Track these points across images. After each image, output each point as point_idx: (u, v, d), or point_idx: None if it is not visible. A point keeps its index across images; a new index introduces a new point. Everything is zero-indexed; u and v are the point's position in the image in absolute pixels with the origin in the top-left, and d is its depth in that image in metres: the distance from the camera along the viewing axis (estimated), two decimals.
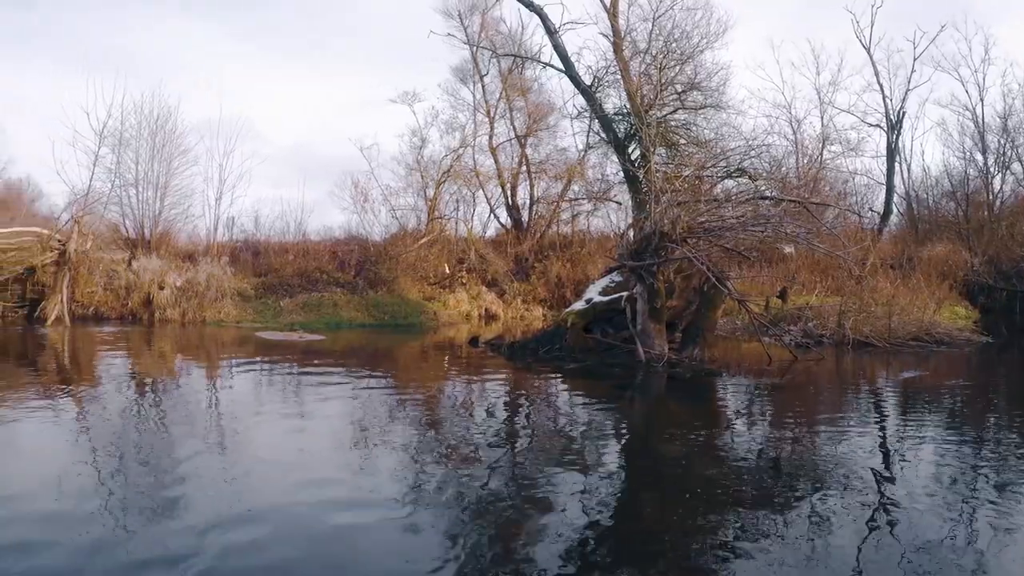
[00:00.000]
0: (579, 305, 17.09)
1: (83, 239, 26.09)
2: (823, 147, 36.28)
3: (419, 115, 43.75)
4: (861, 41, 36.12)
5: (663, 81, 24.93)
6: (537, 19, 25.79)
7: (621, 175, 27.22)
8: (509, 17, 42.72)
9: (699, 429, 9.03)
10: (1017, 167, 35.40)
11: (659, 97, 24.92)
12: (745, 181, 19.73)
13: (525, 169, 36.60)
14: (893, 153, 35.50)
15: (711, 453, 7.73)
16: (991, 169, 35.70)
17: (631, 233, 22.13)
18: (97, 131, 29.60)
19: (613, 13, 24.85)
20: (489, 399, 11.70)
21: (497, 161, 36.51)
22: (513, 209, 36.79)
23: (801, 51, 74.02)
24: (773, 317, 19.85)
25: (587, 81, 25.50)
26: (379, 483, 6.19)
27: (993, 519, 5.33)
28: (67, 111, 53.00)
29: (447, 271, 32.48)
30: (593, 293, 17.06)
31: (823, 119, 37.60)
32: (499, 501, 5.88)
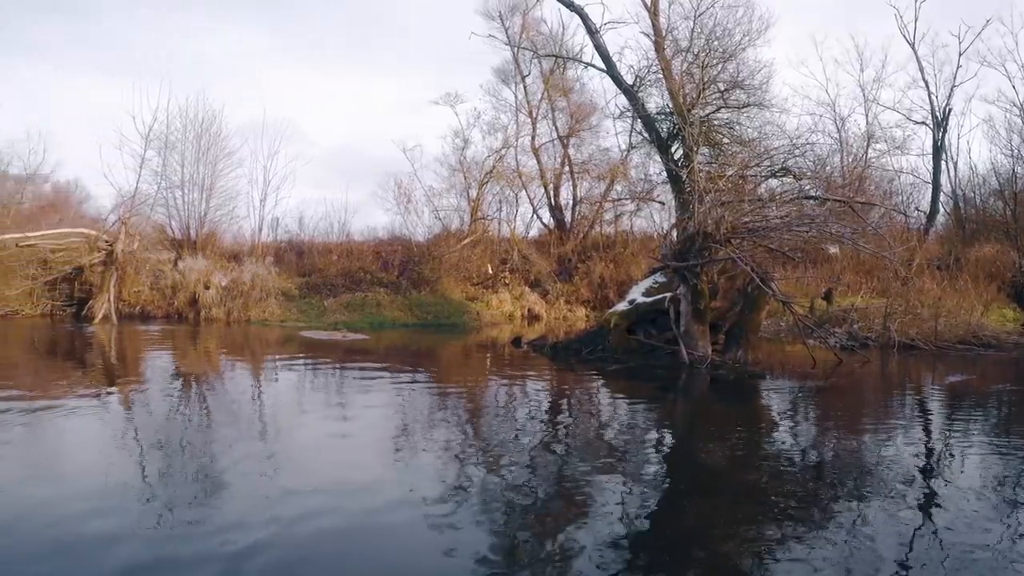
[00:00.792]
0: (622, 306, 17.09)
1: (130, 240, 26.68)
2: (868, 145, 35.76)
3: (461, 116, 43.87)
4: (905, 36, 35.47)
5: (705, 80, 24.71)
6: (578, 19, 25.66)
7: (664, 175, 27.04)
8: (550, 17, 42.83)
9: (742, 432, 9.04)
10: None
11: (702, 96, 24.70)
12: (789, 180, 19.56)
13: (568, 169, 36.62)
14: (939, 151, 34.76)
15: (754, 456, 7.73)
16: None
17: (675, 233, 21.98)
18: (143, 135, 30.25)
19: (654, 12, 24.72)
20: (531, 400, 11.74)
21: (540, 161, 36.58)
22: (556, 209, 36.83)
23: (844, 47, 72.49)
24: (818, 319, 19.70)
25: (629, 80, 25.33)
26: (420, 482, 6.26)
27: None
28: (114, 115, 54.36)
29: (490, 271, 32.60)
30: (636, 294, 17.04)
31: (868, 116, 37.03)
32: (539, 502, 5.92)
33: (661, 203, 33.26)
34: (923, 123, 35.51)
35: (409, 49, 77.35)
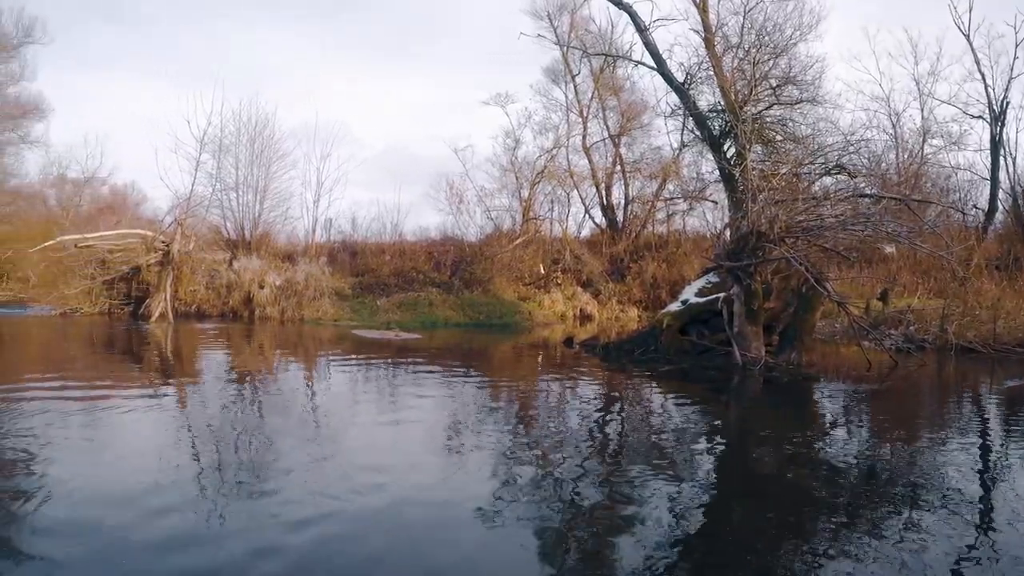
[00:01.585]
0: (675, 306, 17.06)
1: (186, 240, 27.42)
2: (924, 141, 35.02)
3: (512, 116, 44.09)
4: (960, 27, 34.43)
5: (757, 76, 24.49)
6: (627, 17, 25.60)
7: (717, 173, 26.90)
8: (598, 16, 42.66)
9: (794, 435, 8.98)
10: None
11: (753, 92, 24.49)
12: (844, 178, 19.38)
13: (619, 168, 36.61)
14: (997, 146, 33.73)
15: (805, 460, 7.67)
16: None
17: (728, 233, 21.86)
18: (198, 138, 30.97)
19: (703, 8, 24.56)
20: (582, 400, 11.78)
21: (591, 161, 36.64)
22: (608, 209, 36.82)
23: (898, 40, 70.97)
24: (873, 320, 19.39)
25: (680, 78, 25.20)
26: (468, 480, 6.39)
27: None
28: (169, 120, 55.83)
29: (542, 271, 32.71)
30: (689, 294, 17.00)
31: (923, 111, 36.22)
32: (588, 502, 5.96)
33: (714, 202, 33.11)
34: (980, 117, 34.51)
35: (458, 50, 78.14)
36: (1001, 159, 34.07)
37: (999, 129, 33.82)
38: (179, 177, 51.12)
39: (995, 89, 34.02)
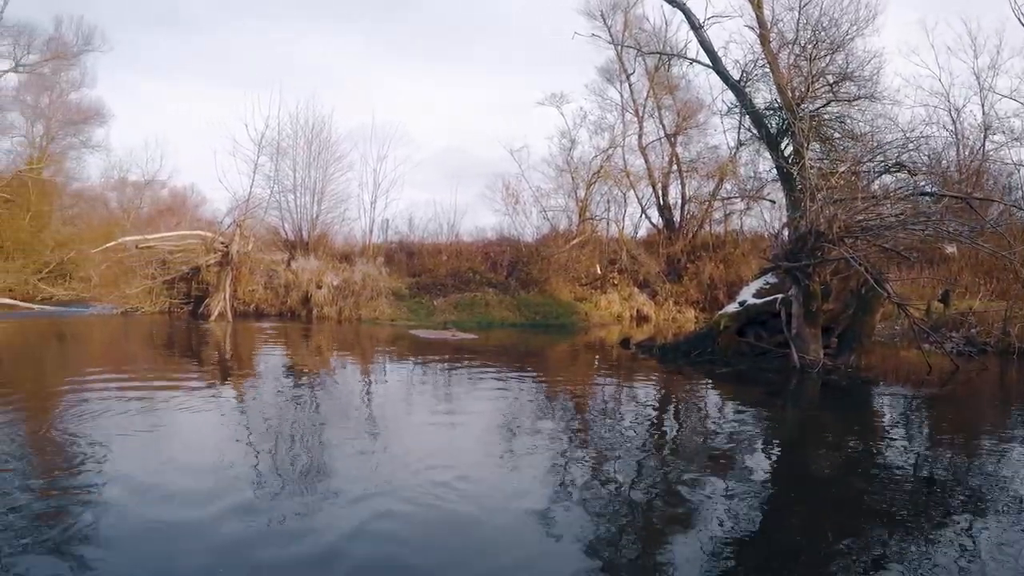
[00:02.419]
0: (732, 307, 17.01)
1: (244, 241, 28.05)
2: (985, 137, 34.08)
3: (567, 116, 44.15)
4: (1020, 19, 33.54)
5: (814, 72, 24.21)
6: (681, 15, 25.36)
7: (774, 172, 26.53)
8: (652, 14, 42.58)
9: (852, 440, 8.97)
10: None
11: (810, 89, 24.20)
12: (903, 176, 19.08)
13: (676, 168, 36.45)
14: None
15: (863, 466, 7.66)
16: None
17: (786, 233, 21.68)
18: (256, 141, 31.72)
19: (758, 4, 24.29)
20: (638, 401, 11.84)
21: (647, 160, 36.51)
22: (664, 209, 36.70)
23: (956, 33, 69.23)
24: (934, 322, 19.10)
25: (735, 76, 24.92)
26: (523, 481, 6.48)
27: None
28: (227, 123, 57.23)
29: (598, 272, 32.75)
30: (747, 295, 16.93)
31: (984, 106, 35.22)
32: (641, 504, 6.03)
33: (772, 201, 32.72)
34: None
35: (513, 50, 78.17)
36: None
37: None
38: (237, 179, 53.21)
39: None
